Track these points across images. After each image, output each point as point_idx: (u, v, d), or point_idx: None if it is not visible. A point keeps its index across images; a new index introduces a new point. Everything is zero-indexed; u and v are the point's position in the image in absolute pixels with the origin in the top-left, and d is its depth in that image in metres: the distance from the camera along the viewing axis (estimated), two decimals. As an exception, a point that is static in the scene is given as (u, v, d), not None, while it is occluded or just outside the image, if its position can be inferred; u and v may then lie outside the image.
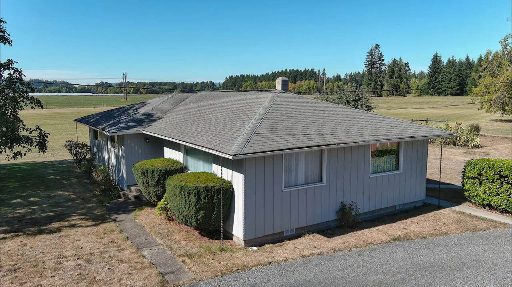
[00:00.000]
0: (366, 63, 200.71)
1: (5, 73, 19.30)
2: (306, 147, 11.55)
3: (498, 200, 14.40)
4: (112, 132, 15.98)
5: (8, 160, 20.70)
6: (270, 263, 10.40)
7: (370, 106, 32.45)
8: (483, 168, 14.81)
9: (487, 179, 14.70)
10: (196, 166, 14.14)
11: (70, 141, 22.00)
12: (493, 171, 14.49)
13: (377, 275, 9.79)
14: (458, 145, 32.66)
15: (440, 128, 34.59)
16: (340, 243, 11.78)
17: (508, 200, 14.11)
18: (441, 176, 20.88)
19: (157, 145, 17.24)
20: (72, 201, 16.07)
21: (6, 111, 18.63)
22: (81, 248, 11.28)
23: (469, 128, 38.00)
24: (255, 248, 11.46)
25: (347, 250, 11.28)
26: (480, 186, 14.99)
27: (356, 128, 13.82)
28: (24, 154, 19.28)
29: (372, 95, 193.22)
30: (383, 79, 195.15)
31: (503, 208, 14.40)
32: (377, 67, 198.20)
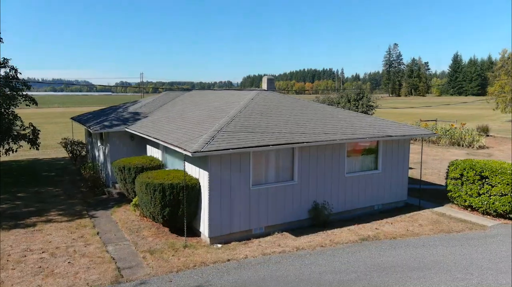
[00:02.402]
0: (384, 62, 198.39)
1: (1, 72, 19.92)
2: (272, 145, 11.55)
3: (479, 202, 14.07)
4: (95, 130, 16.31)
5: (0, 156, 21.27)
6: (229, 260, 10.44)
7: (372, 105, 32.05)
8: (464, 169, 14.49)
9: (468, 180, 14.37)
10: (173, 163, 14.28)
11: (66, 139, 22.52)
12: (474, 171, 14.16)
13: (332, 274, 9.72)
14: (463, 146, 31.95)
15: (443, 128, 33.96)
16: (306, 242, 11.73)
17: (488, 201, 13.77)
18: (434, 177, 20.51)
19: (142, 143, 17.47)
20: (57, 197, 16.46)
21: (4, 109, 19.18)
22: (50, 242, 11.56)
23: (477, 128, 37.14)
24: (219, 245, 11.52)
25: (310, 249, 11.22)
26: (462, 187, 14.67)
27: (331, 127, 13.72)
28: (16, 151, 19.82)
29: (390, 95, 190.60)
30: (402, 79, 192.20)
31: (483, 209, 14.05)
32: (395, 67, 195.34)
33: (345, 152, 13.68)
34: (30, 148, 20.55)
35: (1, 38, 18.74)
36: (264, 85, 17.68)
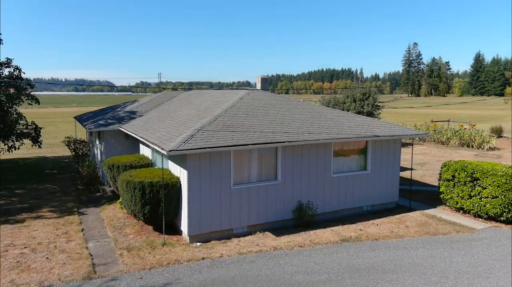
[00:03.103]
0: (403, 62, 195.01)
1: (5, 71, 20.45)
2: (250, 144, 11.54)
3: (470, 204, 13.71)
4: (90, 128, 16.61)
5: (3, 153, 21.81)
6: (203, 259, 10.48)
7: (378, 105, 31.58)
8: (456, 170, 14.15)
9: (459, 181, 14.03)
10: (159, 161, 14.41)
11: (69, 137, 23.01)
12: (465, 173, 13.81)
13: (304, 274, 9.64)
14: (472, 147, 31.19)
15: (452, 129, 33.23)
16: (285, 242, 11.67)
17: (479, 204, 13.41)
18: (433, 178, 20.08)
19: (136, 142, 17.68)
20: (53, 194, 16.84)
21: (7, 108, 19.71)
22: (34, 238, 11.84)
23: (490, 129, 36.19)
24: (199, 244, 11.58)
25: (288, 249, 11.16)
26: (454, 188, 14.33)
27: (317, 127, 13.61)
28: (18, 148, 20.35)
29: (410, 95, 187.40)
30: (421, 79, 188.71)
31: (475, 212, 13.69)
32: (415, 66, 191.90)
33: (331, 151, 13.54)
34: (32, 146, 21.05)
35: (1, 40, 19.26)
36: (258, 85, 17.69)
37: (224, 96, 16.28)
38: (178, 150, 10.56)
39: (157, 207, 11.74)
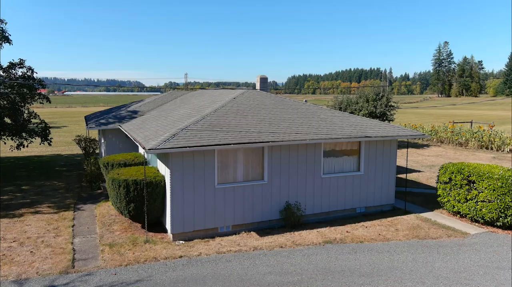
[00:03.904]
0: (433, 61, 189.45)
1: (19, 72, 21.26)
2: (233, 144, 11.54)
3: (466, 208, 13.22)
4: (90, 127, 17.05)
5: (12, 150, 22.61)
6: (181, 257, 10.57)
7: (392, 106, 30.86)
8: (452, 173, 13.67)
9: (456, 184, 13.55)
10: (154, 160, 14.64)
11: (79, 136, 23.66)
12: (461, 176, 13.33)
13: (276, 275, 9.57)
14: (492, 149, 30.03)
15: (470, 130, 32.12)
16: (267, 242, 11.61)
17: (475, 208, 12.90)
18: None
19: (137, 140, 18.04)
20: (56, 190, 17.38)
21: (18, 107, 20.48)
22: (25, 232, 12.27)
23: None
24: (182, 242, 11.68)
25: (268, 250, 11.09)
26: (451, 191, 13.85)
27: (306, 127, 13.46)
28: (27, 146, 21.11)
29: (440, 95, 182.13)
30: (452, 79, 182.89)
31: (471, 216, 13.18)
32: (445, 66, 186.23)
33: (321, 152, 13.36)
34: (40, 144, 21.79)
35: (11, 40, 20.03)
36: (257, 84, 17.67)
37: (220, 96, 16.35)
38: (157, 149, 10.69)
39: (142, 205, 11.92)
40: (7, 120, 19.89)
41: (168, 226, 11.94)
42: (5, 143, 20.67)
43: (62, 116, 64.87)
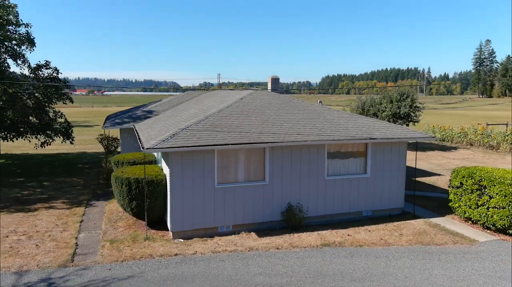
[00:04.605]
0: (473, 61, 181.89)
1: (45, 72, 22.26)
2: (231, 144, 11.60)
3: (477, 214, 12.65)
4: (105, 126, 17.62)
5: (36, 148, 23.59)
6: (176, 255, 10.74)
7: (417, 106, 29.88)
8: (463, 177, 13.13)
9: (467, 189, 13.00)
10: (160, 159, 14.94)
11: (102, 135, 24.47)
12: (472, 180, 12.77)
13: (266, 276, 9.54)
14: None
15: (501, 132, 30.66)
16: (264, 243, 11.59)
17: (487, 214, 12.32)
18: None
19: (151, 139, 18.46)
20: (74, 187, 18.06)
21: (43, 106, 21.47)
22: (35, 226, 12.85)
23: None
24: (181, 240, 11.86)
25: (263, 251, 11.07)
26: (462, 197, 13.30)
27: (310, 128, 13.31)
28: (49, 144, 22.04)
29: (481, 96, 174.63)
30: (494, 79, 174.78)
31: (482, 223, 12.60)
32: (487, 65, 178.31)
33: (324, 153, 13.18)
34: (62, 142, 22.70)
35: (35, 43, 20.98)
36: (269, 85, 17.68)
37: (230, 97, 16.45)
38: (154, 148, 10.91)
39: (144, 203, 12.20)
40: (33, 119, 20.86)
41: (168, 224, 12.15)
42: (29, 141, 21.68)
43: (96, 115, 67.19)
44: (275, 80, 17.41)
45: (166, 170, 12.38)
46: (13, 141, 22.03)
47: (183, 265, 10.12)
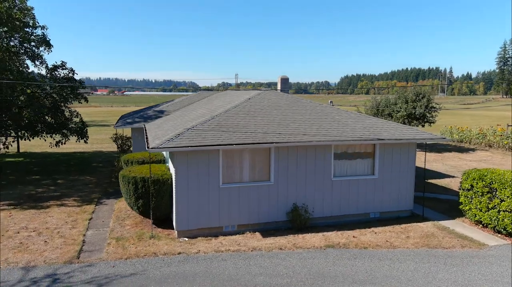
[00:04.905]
0: (497, 60, 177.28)
1: (61, 73, 22.75)
2: (235, 144, 11.63)
3: (487, 217, 12.35)
4: (117, 126, 17.91)
5: (51, 147, 24.11)
6: (179, 253, 10.84)
7: (434, 107, 29.29)
8: (474, 179, 12.83)
9: (477, 192, 12.70)
10: (168, 159, 15.10)
11: (116, 134, 24.89)
12: (483, 183, 12.47)
13: (266, 277, 9.54)
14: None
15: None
16: (267, 243, 11.58)
17: (497, 217, 12.01)
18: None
19: (162, 139, 18.66)
20: (87, 185, 18.42)
21: (59, 106, 21.94)
22: (46, 222, 13.16)
23: None
24: (186, 239, 11.97)
25: (266, 251, 11.06)
26: (472, 199, 13.00)
27: (316, 128, 13.23)
28: (64, 143, 22.51)
29: (505, 96, 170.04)
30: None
31: (493, 226, 12.29)
32: (511, 64, 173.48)
33: (331, 154, 13.08)
34: (76, 141, 23.15)
35: (52, 45, 21.47)
36: (278, 85, 17.65)
37: (238, 97, 16.49)
38: (159, 147, 11.04)
39: (149, 202, 12.35)
40: (48, 118, 21.34)
41: (174, 223, 12.27)
42: (45, 140, 22.23)
43: (115, 115, 68.28)
44: (284, 80, 17.36)
45: (172, 170, 12.50)
46: (30, 140, 22.59)
47: (185, 264, 10.20)
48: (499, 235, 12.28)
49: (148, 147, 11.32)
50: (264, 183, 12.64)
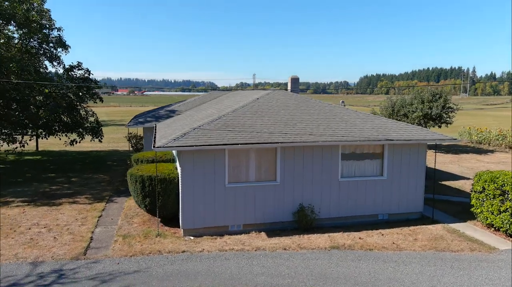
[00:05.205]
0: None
1: (78, 73, 23.25)
2: (240, 143, 11.65)
3: (499, 220, 12.04)
4: (129, 125, 18.20)
5: (66, 145, 24.58)
6: (184, 252, 10.93)
7: (451, 107, 28.65)
8: (486, 181, 12.52)
9: (489, 194, 12.39)
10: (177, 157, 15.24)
11: (130, 133, 25.27)
12: (495, 185, 12.16)
13: (268, 277, 9.53)
14: None
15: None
16: (272, 243, 11.56)
17: (509, 221, 11.69)
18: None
19: (173, 138, 18.85)
20: (99, 183, 18.75)
21: (75, 105, 22.43)
22: (57, 219, 13.46)
23: None
24: (192, 237, 12.06)
25: (270, 251, 11.05)
26: (484, 202, 12.69)
27: (323, 128, 13.14)
28: (79, 142, 22.96)
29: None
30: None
31: (505, 230, 11.97)
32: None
33: (338, 154, 12.97)
34: (91, 140, 23.60)
35: (69, 46, 21.95)
36: (289, 85, 17.61)
37: (245, 97, 16.53)
38: (164, 147, 11.16)
39: (156, 200, 12.49)
40: (64, 118, 21.83)
41: (180, 221, 12.38)
42: (60, 139, 22.74)
43: (133, 115, 69.23)
44: (294, 80, 17.31)
45: (179, 169, 12.61)
46: (47, 138, 23.14)
47: (188, 262, 10.28)
48: (511, 239, 11.95)
49: (154, 146, 11.46)
50: (270, 183, 12.62)
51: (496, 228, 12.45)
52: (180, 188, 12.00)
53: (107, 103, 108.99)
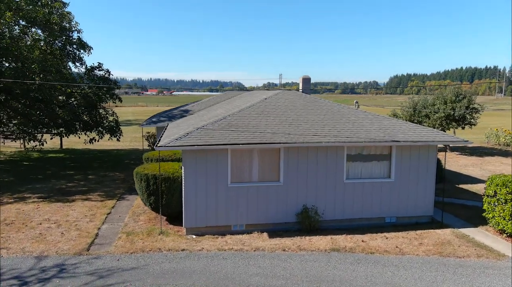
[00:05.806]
0: None
1: (98, 74, 23.90)
2: (242, 143, 11.67)
3: (511, 226, 11.53)
4: (142, 125, 18.55)
5: (85, 144, 25.23)
6: (183, 250, 11.05)
7: (475, 108, 27.61)
8: (497, 185, 12.03)
9: (500, 199, 11.90)
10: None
11: (149, 133, 25.73)
12: (506, 189, 11.67)
13: (262, 277, 9.51)
14: None
15: None
16: (272, 244, 11.51)
17: (521, 227, 11.21)
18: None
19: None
20: (114, 181, 19.21)
21: (93, 105, 23.07)
22: (67, 215, 13.88)
23: None
24: (194, 236, 12.18)
25: (269, 252, 11.01)
26: (496, 207, 12.20)
27: (328, 129, 12.97)
28: (98, 140, 23.57)
29: None
30: None
31: (516, 236, 11.48)
32: None
33: (343, 155, 12.77)
34: (109, 139, 24.18)
35: (91, 47, 22.56)
36: (300, 85, 17.49)
37: (255, 97, 16.54)
38: (166, 146, 11.32)
39: (161, 198, 12.68)
40: (84, 117, 22.50)
41: (183, 220, 12.51)
42: (79, 137, 23.45)
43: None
44: (306, 80, 17.15)
45: (182, 168, 12.75)
46: (67, 137, 23.89)
47: (186, 261, 10.39)
48: (523, 246, 11.44)
49: (156, 146, 11.64)
50: (273, 184, 12.58)
51: (509, 234, 11.94)
52: (182, 187, 12.13)
53: (135, 103, 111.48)
